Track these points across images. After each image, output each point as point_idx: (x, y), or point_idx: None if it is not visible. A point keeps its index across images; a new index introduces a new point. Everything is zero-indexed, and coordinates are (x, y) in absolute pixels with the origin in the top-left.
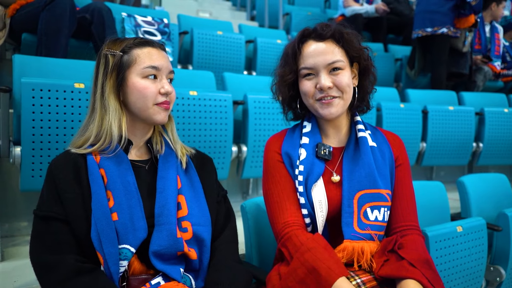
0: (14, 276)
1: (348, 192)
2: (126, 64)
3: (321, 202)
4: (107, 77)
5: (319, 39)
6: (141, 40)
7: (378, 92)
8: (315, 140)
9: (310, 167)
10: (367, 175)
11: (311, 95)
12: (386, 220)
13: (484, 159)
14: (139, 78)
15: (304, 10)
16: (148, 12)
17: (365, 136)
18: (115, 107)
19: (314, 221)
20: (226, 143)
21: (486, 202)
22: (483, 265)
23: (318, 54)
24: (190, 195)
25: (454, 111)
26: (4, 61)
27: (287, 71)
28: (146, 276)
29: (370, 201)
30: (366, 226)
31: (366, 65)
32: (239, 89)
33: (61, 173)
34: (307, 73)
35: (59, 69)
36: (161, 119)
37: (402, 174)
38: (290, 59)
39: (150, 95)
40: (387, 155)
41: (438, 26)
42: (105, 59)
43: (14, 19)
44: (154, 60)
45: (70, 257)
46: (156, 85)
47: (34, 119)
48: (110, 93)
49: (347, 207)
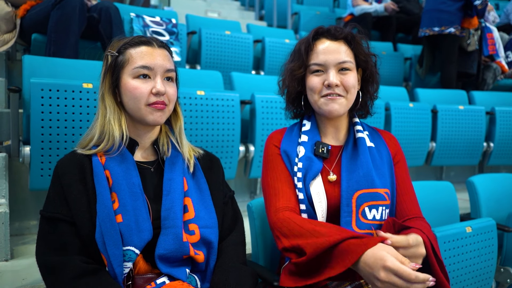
0: (23, 274)
1: (347, 191)
2: (120, 64)
3: (319, 194)
4: (105, 77)
5: (332, 38)
6: (137, 40)
7: (387, 92)
8: (314, 138)
9: (308, 164)
10: (365, 175)
11: (318, 91)
12: (384, 218)
13: (495, 159)
14: (130, 78)
15: (313, 9)
16: (157, 12)
17: (363, 137)
18: (113, 107)
19: (313, 217)
20: (234, 143)
21: (496, 203)
22: (493, 266)
23: (330, 52)
24: (197, 198)
25: (464, 110)
26: (15, 61)
27: (297, 66)
28: (151, 275)
29: (368, 201)
30: (365, 225)
31: (372, 71)
32: (246, 89)
33: (67, 174)
34: (316, 69)
35: (68, 70)
36: (153, 120)
37: (401, 171)
38: (302, 54)
39: (140, 95)
40: (385, 155)
41: (445, 26)
42: (106, 60)
43: (24, 19)
44: (146, 59)
45: (75, 258)
46: (148, 85)
47: (43, 118)
48: (106, 94)
49: (345, 206)
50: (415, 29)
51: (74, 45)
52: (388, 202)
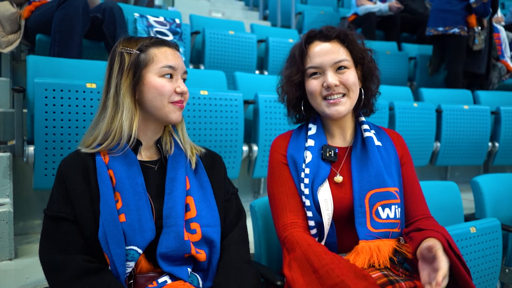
0: (27, 273)
1: (359, 192)
2: (144, 62)
3: (326, 201)
4: (123, 75)
5: (325, 39)
6: (157, 40)
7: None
8: (320, 142)
9: (316, 169)
10: (376, 175)
11: (318, 94)
12: (398, 217)
13: (500, 159)
14: (156, 76)
15: (317, 9)
16: (160, 12)
17: (371, 136)
18: (129, 105)
19: (320, 223)
20: (237, 143)
21: (501, 203)
22: (497, 267)
23: (325, 53)
24: (199, 196)
25: (469, 110)
26: (20, 62)
27: (294, 72)
28: (153, 274)
29: (381, 200)
30: (380, 224)
31: (370, 67)
32: (250, 89)
33: (70, 174)
34: (313, 72)
35: (72, 70)
36: (176, 118)
37: (408, 172)
38: (297, 60)
39: (167, 93)
40: (392, 154)
41: (449, 26)
42: (120, 57)
43: (29, 20)
44: (171, 59)
45: (79, 257)
46: (172, 84)
47: (47, 118)
48: (126, 92)
49: (359, 207)
50: (419, 29)
51: (78, 45)
52: (399, 201)
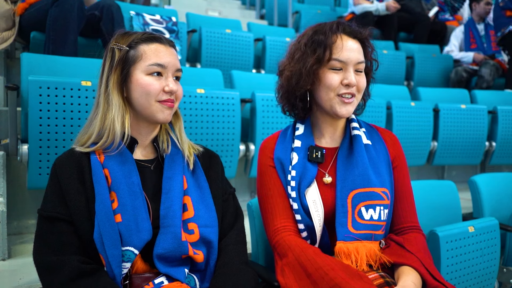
0: (20, 273)
1: (341, 192)
2: (132, 59)
3: (315, 202)
4: (111, 71)
5: (353, 36)
6: (149, 36)
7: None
8: (307, 142)
9: (302, 171)
10: (360, 174)
11: (335, 89)
12: (383, 219)
13: (497, 158)
14: (143, 74)
15: (313, 8)
16: (157, 10)
17: (359, 134)
18: (118, 103)
19: (309, 226)
20: (234, 142)
21: (499, 202)
22: (495, 266)
23: (353, 50)
24: (197, 196)
25: (466, 109)
26: (14, 60)
27: (313, 60)
28: (150, 275)
29: (365, 200)
30: (361, 225)
31: (371, 76)
32: (247, 87)
33: (65, 173)
34: (337, 66)
35: (67, 67)
36: (164, 118)
37: (400, 175)
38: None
39: (153, 92)
40: (382, 153)
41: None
42: (112, 53)
43: (23, 17)
44: (161, 57)
45: (73, 258)
46: (161, 82)
47: (41, 117)
48: (114, 88)
49: (341, 207)
50: (416, 28)
51: (73, 43)
52: (387, 202)
